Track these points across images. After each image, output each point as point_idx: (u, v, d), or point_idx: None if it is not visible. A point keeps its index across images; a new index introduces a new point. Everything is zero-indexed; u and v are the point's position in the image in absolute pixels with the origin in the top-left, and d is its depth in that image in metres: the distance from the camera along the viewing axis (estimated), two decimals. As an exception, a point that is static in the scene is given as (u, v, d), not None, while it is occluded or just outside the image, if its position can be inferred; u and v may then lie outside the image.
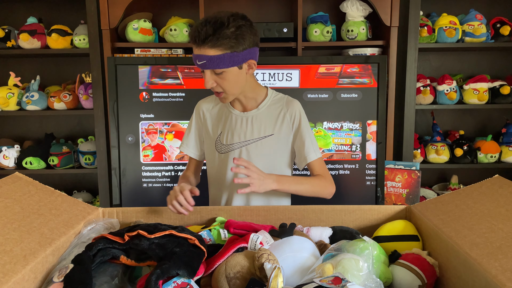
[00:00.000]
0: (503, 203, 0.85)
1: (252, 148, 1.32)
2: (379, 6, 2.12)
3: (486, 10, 2.42)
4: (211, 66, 1.15)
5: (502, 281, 0.62)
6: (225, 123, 1.35)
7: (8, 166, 2.33)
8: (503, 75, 2.49)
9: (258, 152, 1.32)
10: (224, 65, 1.15)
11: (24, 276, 0.72)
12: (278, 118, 1.33)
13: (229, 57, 1.14)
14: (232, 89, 1.23)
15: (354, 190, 2.07)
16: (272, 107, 1.34)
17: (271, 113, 1.34)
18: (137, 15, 2.22)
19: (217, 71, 1.17)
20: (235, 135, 1.33)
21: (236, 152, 1.33)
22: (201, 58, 1.15)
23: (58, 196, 1.03)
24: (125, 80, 2.00)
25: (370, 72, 2.00)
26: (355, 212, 1.08)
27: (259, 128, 1.32)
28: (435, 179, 2.66)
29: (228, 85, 1.20)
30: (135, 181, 2.05)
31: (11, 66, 2.49)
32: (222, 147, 1.35)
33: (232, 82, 1.20)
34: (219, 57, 1.13)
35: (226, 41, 1.12)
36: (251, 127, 1.32)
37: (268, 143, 1.32)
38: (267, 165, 1.31)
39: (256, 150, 1.32)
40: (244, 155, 1.32)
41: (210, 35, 1.11)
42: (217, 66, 1.15)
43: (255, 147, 1.32)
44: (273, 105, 1.35)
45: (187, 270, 0.73)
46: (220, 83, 1.20)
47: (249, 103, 1.34)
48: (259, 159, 1.31)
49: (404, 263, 0.84)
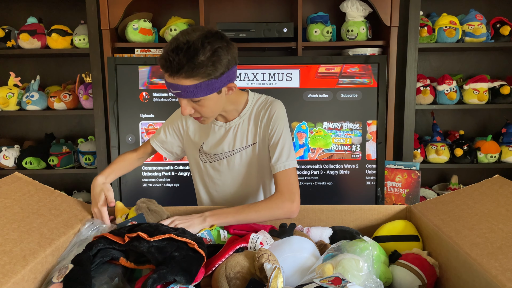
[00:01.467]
0: (503, 203, 0.85)
1: (236, 158, 1.28)
2: (379, 6, 2.12)
3: (486, 10, 2.42)
4: (187, 96, 1.06)
5: (502, 281, 0.62)
6: (207, 133, 1.30)
7: (8, 166, 2.33)
8: (503, 75, 2.49)
9: (242, 161, 1.28)
10: (201, 94, 1.05)
11: (24, 276, 0.71)
12: (259, 124, 1.26)
13: (206, 85, 1.04)
14: (212, 113, 1.15)
15: (354, 190, 2.07)
16: (253, 113, 1.27)
17: (252, 120, 1.26)
18: (137, 15, 2.22)
19: (194, 100, 1.08)
20: (219, 147, 1.28)
21: (220, 163, 1.29)
22: (175, 88, 1.05)
23: (58, 196, 1.03)
24: (125, 80, 2.00)
25: (370, 72, 2.00)
26: (355, 212, 1.08)
27: (242, 138, 1.27)
28: (435, 179, 2.66)
29: (207, 110, 1.12)
30: (135, 181, 2.05)
31: (11, 66, 2.49)
32: (206, 157, 1.31)
33: (211, 107, 1.12)
34: (196, 86, 1.03)
35: (202, 70, 1.01)
36: (233, 137, 1.27)
37: (251, 152, 1.27)
38: (251, 174, 1.28)
39: (240, 160, 1.28)
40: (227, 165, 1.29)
41: (184, 65, 1.00)
42: (194, 95, 1.05)
43: (239, 157, 1.28)
44: (255, 110, 1.28)
45: (184, 277, 0.72)
46: (199, 110, 1.11)
47: (230, 114, 1.27)
48: (243, 168, 1.28)
49: (404, 263, 0.84)
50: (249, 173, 1.29)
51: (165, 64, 1.02)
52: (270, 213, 1.11)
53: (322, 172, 2.06)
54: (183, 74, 1.01)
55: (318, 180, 2.06)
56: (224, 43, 1.05)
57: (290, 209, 1.11)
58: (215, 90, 1.07)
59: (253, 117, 1.26)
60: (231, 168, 1.29)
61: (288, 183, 1.17)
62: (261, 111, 1.26)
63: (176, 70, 1.01)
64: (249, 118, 1.27)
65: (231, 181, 1.31)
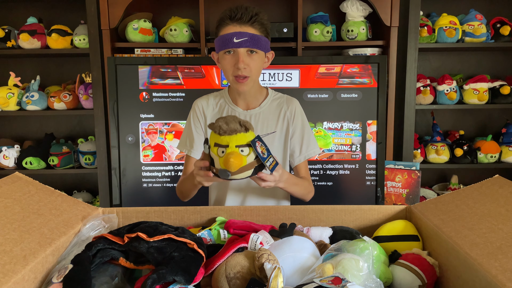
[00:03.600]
0: (503, 203, 0.85)
1: None
2: (379, 6, 2.12)
3: (486, 10, 2.42)
4: (250, 45, 1.17)
5: (502, 281, 0.62)
6: None
7: (8, 166, 2.33)
8: (503, 75, 2.49)
9: None
10: (261, 46, 1.20)
11: (24, 276, 0.71)
12: (279, 115, 1.35)
13: (264, 40, 1.20)
14: (258, 74, 1.26)
15: (354, 190, 2.07)
16: (273, 105, 1.36)
17: (272, 111, 1.35)
18: (137, 15, 2.22)
19: (252, 51, 1.20)
20: None
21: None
22: (241, 35, 1.16)
23: (58, 196, 1.03)
24: (125, 80, 2.00)
25: (370, 72, 2.00)
26: (355, 212, 1.08)
27: (263, 126, 1.33)
28: (435, 179, 2.66)
29: (256, 68, 1.23)
30: (135, 181, 2.05)
31: (11, 66, 2.49)
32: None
33: (259, 66, 1.23)
34: (259, 37, 1.18)
35: (264, 25, 1.20)
36: (255, 125, 1.33)
37: (271, 140, 1.34)
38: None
39: None
40: None
41: (257, 14, 1.17)
42: (256, 45, 1.18)
43: None
44: (274, 103, 1.36)
45: (184, 277, 0.72)
46: (250, 64, 1.20)
47: (252, 102, 1.35)
48: None
49: (404, 263, 0.84)
50: None
51: (237, 12, 1.17)
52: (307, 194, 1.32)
53: (322, 172, 2.06)
54: (253, 23, 1.17)
55: (318, 180, 2.06)
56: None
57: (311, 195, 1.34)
58: (267, 49, 1.23)
59: (273, 109, 1.35)
60: None
61: (308, 172, 1.38)
62: (282, 105, 1.36)
63: (248, 18, 1.16)
64: (269, 109, 1.35)
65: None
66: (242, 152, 0.94)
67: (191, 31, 2.24)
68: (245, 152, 0.95)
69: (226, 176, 0.95)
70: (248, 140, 0.95)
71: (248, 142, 0.95)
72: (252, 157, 0.97)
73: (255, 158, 0.97)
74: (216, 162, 0.97)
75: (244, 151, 0.95)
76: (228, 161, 0.93)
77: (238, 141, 0.94)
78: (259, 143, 0.96)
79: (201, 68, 2.01)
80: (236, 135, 0.94)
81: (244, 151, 0.95)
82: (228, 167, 0.93)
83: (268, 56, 1.28)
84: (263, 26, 1.20)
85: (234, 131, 0.94)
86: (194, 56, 2.21)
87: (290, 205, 1.38)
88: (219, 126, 0.94)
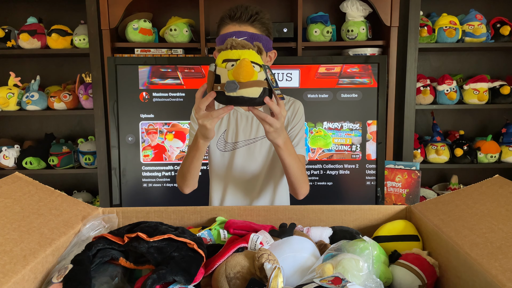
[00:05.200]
0: (503, 203, 0.85)
1: (256, 146, 1.33)
2: (379, 6, 2.12)
3: (486, 10, 2.42)
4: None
5: (502, 281, 0.62)
6: (229, 121, 1.34)
7: (8, 166, 2.33)
8: (503, 75, 2.49)
9: (261, 149, 1.33)
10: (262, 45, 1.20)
11: (24, 276, 0.71)
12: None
13: (265, 39, 1.20)
14: None
15: (354, 190, 2.07)
16: None
17: None
18: (137, 15, 2.22)
19: None
20: (240, 134, 1.33)
21: (239, 150, 1.33)
22: (241, 35, 1.16)
23: (58, 196, 1.03)
24: (125, 80, 2.00)
25: (370, 72, 2.00)
26: (355, 212, 1.08)
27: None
28: (435, 179, 2.66)
29: None
30: (135, 181, 2.05)
31: (11, 66, 2.49)
32: (226, 145, 1.34)
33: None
34: (259, 36, 1.18)
35: (265, 24, 1.20)
36: (257, 125, 1.33)
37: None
38: (267, 161, 1.32)
39: (260, 148, 1.33)
40: (247, 153, 1.32)
41: (258, 13, 1.18)
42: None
43: (259, 145, 1.33)
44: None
45: (184, 277, 0.72)
46: None
47: None
48: (261, 156, 1.33)
49: (404, 263, 0.84)
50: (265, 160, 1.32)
51: (237, 11, 1.17)
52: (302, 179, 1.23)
53: (322, 172, 2.06)
54: (253, 22, 1.17)
55: (318, 180, 2.06)
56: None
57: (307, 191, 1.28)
58: (268, 49, 1.22)
59: None
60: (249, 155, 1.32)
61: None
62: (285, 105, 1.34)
63: (248, 17, 1.17)
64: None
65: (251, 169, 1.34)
66: (254, 68, 0.85)
67: (191, 31, 2.24)
68: (257, 69, 0.85)
69: (234, 88, 0.82)
70: (260, 60, 0.87)
71: (261, 63, 0.86)
72: (263, 77, 0.87)
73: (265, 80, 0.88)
74: (224, 76, 0.85)
75: (255, 67, 0.85)
76: (239, 68, 0.82)
77: (251, 57, 0.85)
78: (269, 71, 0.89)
79: (201, 68, 2.01)
80: (249, 50, 0.86)
81: (255, 67, 0.85)
82: (238, 75, 0.82)
83: (270, 55, 1.27)
84: (264, 26, 1.20)
85: (247, 46, 0.87)
86: (194, 56, 2.21)
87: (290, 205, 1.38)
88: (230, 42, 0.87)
